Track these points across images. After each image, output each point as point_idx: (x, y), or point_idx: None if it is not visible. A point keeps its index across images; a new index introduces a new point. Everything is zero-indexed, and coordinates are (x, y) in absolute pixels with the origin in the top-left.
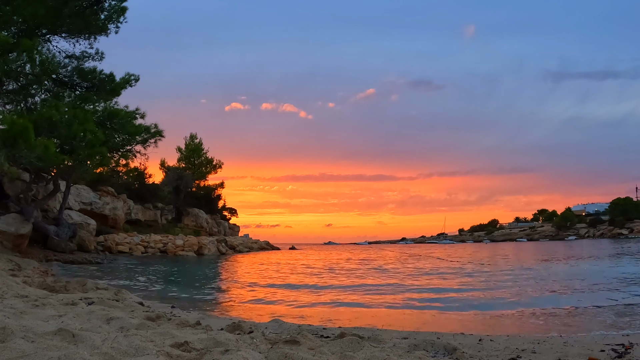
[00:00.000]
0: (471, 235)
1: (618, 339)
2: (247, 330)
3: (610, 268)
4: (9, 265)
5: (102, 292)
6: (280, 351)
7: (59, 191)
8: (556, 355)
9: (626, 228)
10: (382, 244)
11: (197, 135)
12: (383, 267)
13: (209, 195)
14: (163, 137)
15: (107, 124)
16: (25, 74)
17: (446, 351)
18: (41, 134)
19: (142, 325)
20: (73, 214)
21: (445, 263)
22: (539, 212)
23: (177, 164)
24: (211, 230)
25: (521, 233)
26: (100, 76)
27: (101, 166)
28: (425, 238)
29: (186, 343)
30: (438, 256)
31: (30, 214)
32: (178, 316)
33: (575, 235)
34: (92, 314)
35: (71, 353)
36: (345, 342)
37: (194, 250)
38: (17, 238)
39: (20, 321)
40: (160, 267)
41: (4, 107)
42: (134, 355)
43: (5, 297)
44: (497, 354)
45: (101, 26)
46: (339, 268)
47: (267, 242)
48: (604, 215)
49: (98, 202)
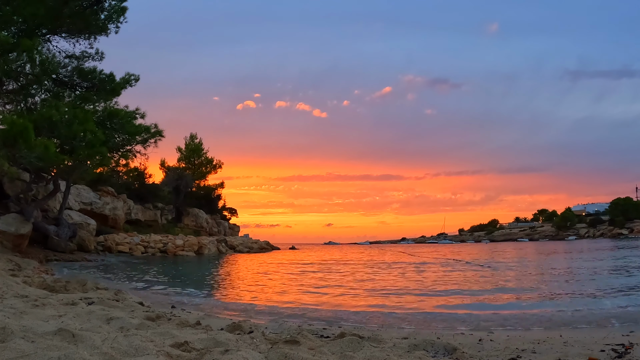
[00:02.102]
0: (471, 235)
1: (618, 339)
2: (247, 330)
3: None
4: (9, 265)
5: (102, 292)
6: (280, 351)
7: (59, 191)
8: (556, 355)
9: (626, 228)
10: (382, 244)
11: (198, 135)
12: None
13: (209, 195)
14: (163, 137)
15: (107, 124)
16: (25, 74)
17: (446, 351)
18: (41, 134)
19: (142, 325)
20: (73, 214)
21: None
22: (539, 212)
23: (177, 164)
24: (211, 230)
25: (521, 233)
26: (100, 76)
27: (101, 166)
28: (425, 238)
29: (186, 343)
30: (467, 260)
31: (30, 214)
32: (178, 316)
33: (575, 235)
34: (92, 314)
35: (71, 353)
36: (345, 342)
37: (194, 250)
38: (17, 238)
39: (20, 321)
40: (160, 267)
41: (4, 107)
42: (134, 355)
43: (5, 297)
44: (497, 354)
45: (101, 26)
46: (337, 268)
47: (267, 242)
48: (604, 215)
49: (98, 202)
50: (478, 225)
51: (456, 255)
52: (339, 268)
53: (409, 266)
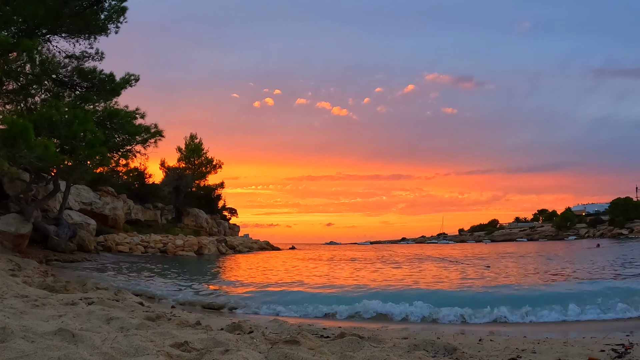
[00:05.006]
0: (471, 235)
1: (618, 339)
2: (247, 330)
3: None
4: (9, 265)
5: (102, 292)
6: (280, 351)
7: (59, 191)
8: (556, 355)
9: (626, 228)
10: (382, 244)
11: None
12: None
13: (209, 195)
14: (163, 137)
15: (107, 124)
16: (25, 74)
17: (446, 351)
18: (41, 134)
19: (142, 325)
20: (73, 214)
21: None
22: (539, 212)
23: (177, 164)
24: (211, 230)
25: (521, 233)
26: (100, 76)
27: (101, 166)
28: (425, 238)
29: (186, 343)
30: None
31: (30, 214)
32: (178, 316)
33: (575, 235)
34: (92, 314)
35: (71, 353)
36: (345, 342)
37: (194, 250)
38: (17, 238)
39: (20, 321)
40: (160, 267)
41: (4, 107)
42: (134, 355)
43: (5, 297)
44: (497, 354)
45: (101, 26)
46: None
47: (267, 242)
48: (604, 215)
49: (98, 202)
50: (478, 225)
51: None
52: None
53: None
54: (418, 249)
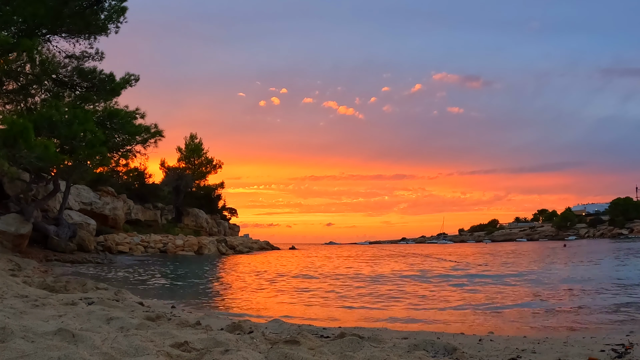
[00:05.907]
0: (471, 235)
1: (618, 339)
2: (247, 330)
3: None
4: (9, 265)
5: (102, 292)
6: (280, 351)
7: (59, 191)
8: (556, 355)
9: (626, 228)
10: (382, 244)
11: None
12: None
13: (209, 195)
14: (163, 137)
15: (107, 124)
16: (25, 74)
17: (446, 351)
18: (41, 134)
19: (142, 325)
20: (73, 214)
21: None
22: (539, 212)
23: (177, 164)
24: (211, 230)
25: (521, 233)
26: (100, 76)
27: (101, 166)
28: (425, 238)
29: (186, 343)
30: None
31: (30, 214)
32: (178, 316)
33: (575, 235)
34: (92, 314)
35: (71, 353)
36: (345, 342)
37: (194, 250)
38: (17, 238)
39: (20, 321)
40: (160, 267)
41: (4, 107)
42: (134, 355)
43: (5, 297)
44: (497, 354)
45: (101, 26)
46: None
47: (267, 242)
48: (604, 215)
49: (98, 202)
50: (478, 225)
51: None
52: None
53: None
54: (406, 249)
